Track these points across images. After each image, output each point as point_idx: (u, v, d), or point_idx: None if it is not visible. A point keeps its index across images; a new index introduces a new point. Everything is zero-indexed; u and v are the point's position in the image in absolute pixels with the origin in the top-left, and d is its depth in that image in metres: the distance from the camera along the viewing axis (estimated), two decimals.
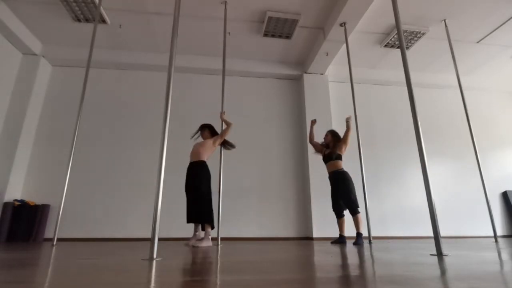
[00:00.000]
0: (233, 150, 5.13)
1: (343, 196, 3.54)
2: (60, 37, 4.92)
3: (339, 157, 3.71)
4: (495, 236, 3.94)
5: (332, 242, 3.58)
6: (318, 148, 3.94)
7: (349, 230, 3.66)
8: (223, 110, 3.72)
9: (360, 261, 1.63)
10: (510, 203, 5.51)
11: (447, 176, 5.57)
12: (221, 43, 4.78)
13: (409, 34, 4.79)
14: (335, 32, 4.45)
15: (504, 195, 5.61)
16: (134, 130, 5.09)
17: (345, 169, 3.70)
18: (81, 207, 4.58)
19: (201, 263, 1.58)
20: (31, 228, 4.25)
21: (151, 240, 1.78)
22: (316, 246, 3.15)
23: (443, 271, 1.20)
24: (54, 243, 3.24)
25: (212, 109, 5.21)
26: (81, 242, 4.07)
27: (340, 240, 3.51)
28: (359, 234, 3.40)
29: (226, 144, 3.65)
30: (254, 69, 5.59)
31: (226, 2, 4.16)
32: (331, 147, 3.78)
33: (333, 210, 3.65)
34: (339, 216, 3.60)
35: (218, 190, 3.55)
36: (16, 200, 4.34)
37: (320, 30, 4.82)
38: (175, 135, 5.03)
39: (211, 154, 3.49)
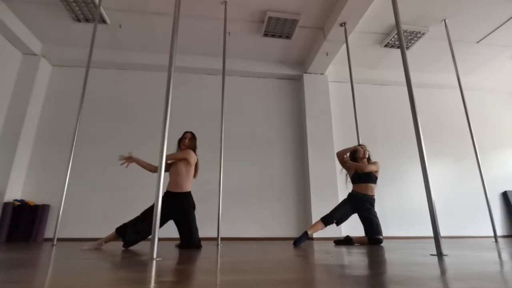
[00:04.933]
0: (233, 150, 5.18)
1: (368, 219, 3.37)
2: (60, 37, 4.92)
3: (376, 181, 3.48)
4: (495, 236, 3.94)
5: (335, 241, 3.53)
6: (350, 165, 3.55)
7: (351, 232, 3.66)
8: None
9: (360, 261, 1.63)
10: (510, 203, 5.51)
11: (447, 176, 5.58)
12: (221, 43, 4.79)
13: (409, 34, 4.79)
14: (335, 32, 4.45)
15: (504, 195, 5.61)
16: (134, 130, 5.09)
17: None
18: (81, 207, 4.58)
19: (201, 263, 1.58)
20: (31, 228, 4.25)
21: (151, 240, 1.78)
22: (316, 246, 3.15)
23: (443, 271, 1.20)
24: (54, 243, 3.24)
25: (212, 109, 5.22)
26: (81, 242, 4.06)
27: (305, 238, 3.24)
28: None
29: None
30: (254, 69, 5.59)
31: (226, 2, 4.16)
32: (363, 167, 3.46)
33: (334, 219, 3.39)
34: (330, 224, 3.40)
35: (218, 190, 3.56)
36: (16, 200, 4.34)
37: (320, 30, 4.82)
38: (175, 135, 5.05)
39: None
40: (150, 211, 2.71)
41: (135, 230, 2.65)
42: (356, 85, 4.70)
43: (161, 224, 2.61)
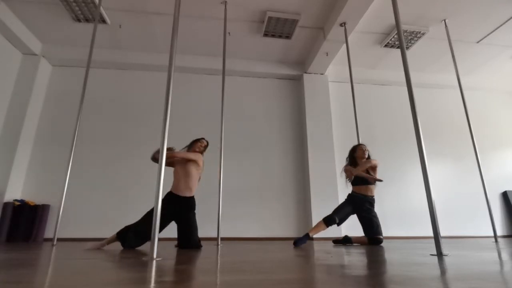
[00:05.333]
0: (233, 150, 5.17)
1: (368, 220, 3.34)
2: (60, 37, 4.92)
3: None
4: (495, 236, 3.95)
5: (334, 241, 3.55)
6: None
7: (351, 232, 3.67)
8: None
9: (359, 261, 1.63)
10: (510, 203, 5.51)
11: (447, 176, 5.58)
12: (221, 43, 4.78)
13: (409, 34, 4.79)
14: (335, 32, 4.45)
15: (504, 195, 5.61)
16: (134, 130, 5.09)
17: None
18: (81, 207, 4.58)
19: (201, 263, 1.58)
20: (31, 228, 4.25)
21: (151, 240, 1.78)
22: (316, 246, 3.16)
23: (443, 271, 1.20)
24: (54, 243, 3.24)
25: (212, 109, 5.22)
26: (81, 242, 4.06)
27: (306, 239, 3.22)
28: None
29: None
30: (254, 69, 5.59)
31: (226, 2, 4.16)
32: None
33: (337, 219, 3.35)
34: (332, 225, 3.37)
35: (218, 190, 3.56)
36: (16, 200, 4.34)
37: (320, 30, 4.82)
38: (175, 135, 5.05)
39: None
40: (152, 214, 2.67)
41: (136, 234, 2.61)
42: (356, 85, 4.70)
43: (164, 226, 2.59)
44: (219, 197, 3.52)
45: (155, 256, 1.72)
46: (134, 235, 2.61)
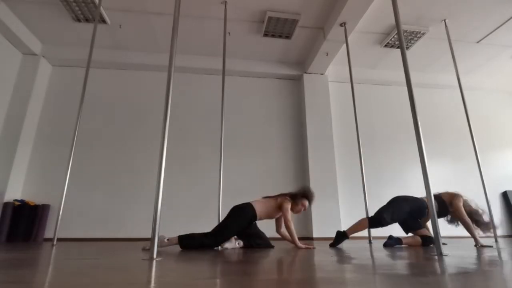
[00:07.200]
0: (233, 150, 5.18)
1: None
2: (60, 37, 4.92)
3: None
4: (495, 236, 3.95)
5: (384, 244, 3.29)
6: None
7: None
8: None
9: (359, 261, 1.63)
10: (510, 203, 5.51)
11: (447, 176, 5.57)
12: (221, 43, 4.79)
13: (409, 34, 4.79)
14: (335, 32, 4.46)
15: (504, 195, 5.61)
16: (134, 130, 5.09)
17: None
18: (81, 207, 4.58)
19: (201, 263, 1.58)
20: (31, 228, 4.25)
21: (151, 240, 1.78)
22: (316, 246, 3.16)
23: (443, 271, 1.20)
24: (54, 243, 3.24)
25: (212, 109, 5.23)
26: (81, 242, 4.07)
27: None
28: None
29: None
30: (254, 69, 5.59)
31: (226, 2, 4.16)
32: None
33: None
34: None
35: (218, 189, 3.56)
36: (16, 200, 4.34)
37: (320, 30, 4.82)
38: (175, 135, 5.06)
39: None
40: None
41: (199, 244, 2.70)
42: (356, 85, 4.71)
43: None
44: (219, 197, 3.53)
45: (155, 256, 1.72)
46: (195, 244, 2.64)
